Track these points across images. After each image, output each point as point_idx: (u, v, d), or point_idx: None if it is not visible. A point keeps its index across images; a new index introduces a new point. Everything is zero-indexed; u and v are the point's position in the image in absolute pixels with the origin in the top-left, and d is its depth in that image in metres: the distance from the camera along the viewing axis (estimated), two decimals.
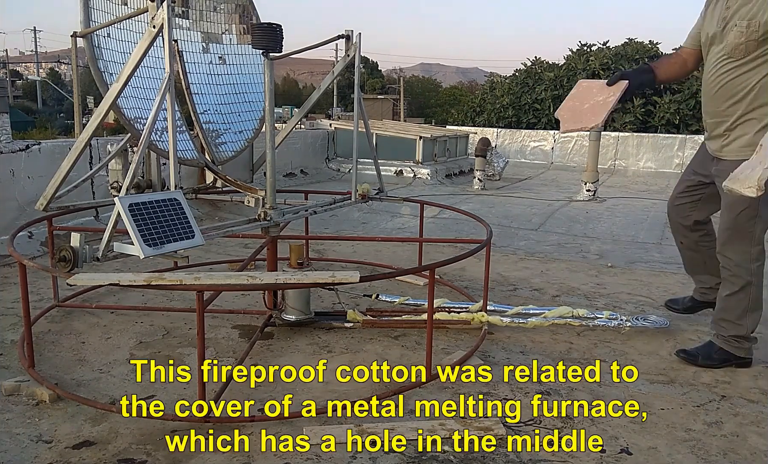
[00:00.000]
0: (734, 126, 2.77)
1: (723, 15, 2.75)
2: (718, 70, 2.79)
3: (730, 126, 2.79)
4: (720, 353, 2.93)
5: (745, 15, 2.66)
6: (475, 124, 17.46)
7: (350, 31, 3.43)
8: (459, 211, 4.51)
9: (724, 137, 2.82)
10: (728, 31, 2.71)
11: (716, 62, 2.80)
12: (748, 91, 2.71)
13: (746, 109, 2.73)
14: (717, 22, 2.77)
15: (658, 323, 3.33)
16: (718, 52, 2.78)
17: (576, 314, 3.33)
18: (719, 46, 2.78)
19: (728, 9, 2.73)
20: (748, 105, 2.73)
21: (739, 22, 2.66)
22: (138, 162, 2.59)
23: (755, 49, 2.65)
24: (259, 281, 2.56)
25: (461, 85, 53.71)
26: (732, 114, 2.77)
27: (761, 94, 2.69)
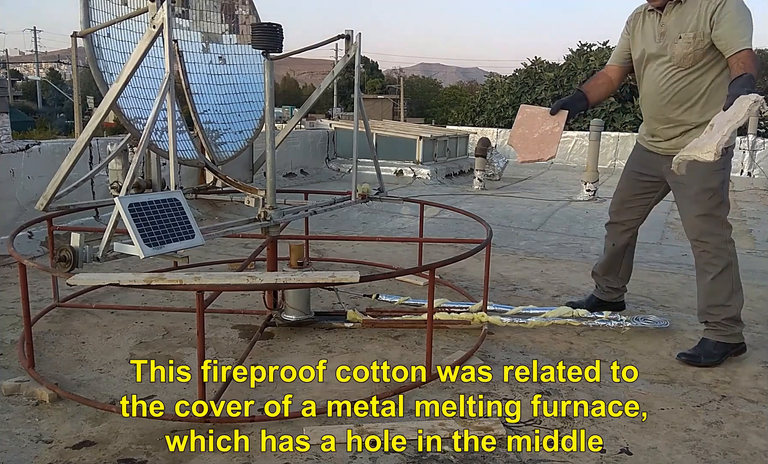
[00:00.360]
0: (692, 127, 2.99)
1: (659, 31, 3.01)
2: (668, 80, 3.01)
3: (687, 128, 3.01)
4: (718, 347, 3.00)
5: (686, 28, 2.92)
6: (475, 124, 17.48)
7: (350, 31, 3.43)
8: (459, 211, 4.51)
9: (679, 138, 3.04)
10: (672, 45, 2.96)
11: (664, 73, 3.03)
12: (701, 95, 2.97)
13: (701, 111, 2.97)
14: (655, 39, 3.03)
15: (658, 323, 3.33)
16: (663, 64, 3.02)
17: (576, 314, 3.33)
18: (661, 59, 3.03)
19: (663, 25, 2.99)
20: (702, 107, 2.98)
21: (684, 34, 2.91)
22: (138, 162, 2.59)
23: (702, 57, 2.92)
24: (259, 281, 2.56)
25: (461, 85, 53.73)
26: (688, 117, 3.01)
27: (713, 95, 2.95)
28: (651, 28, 3.06)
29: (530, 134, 3.08)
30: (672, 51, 2.97)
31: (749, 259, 5.19)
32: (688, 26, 2.91)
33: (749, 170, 11.63)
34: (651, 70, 3.09)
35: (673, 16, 2.96)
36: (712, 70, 2.95)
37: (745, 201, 8.79)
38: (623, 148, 12.79)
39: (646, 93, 3.14)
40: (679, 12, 2.95)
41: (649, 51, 3.07)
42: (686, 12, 2.93)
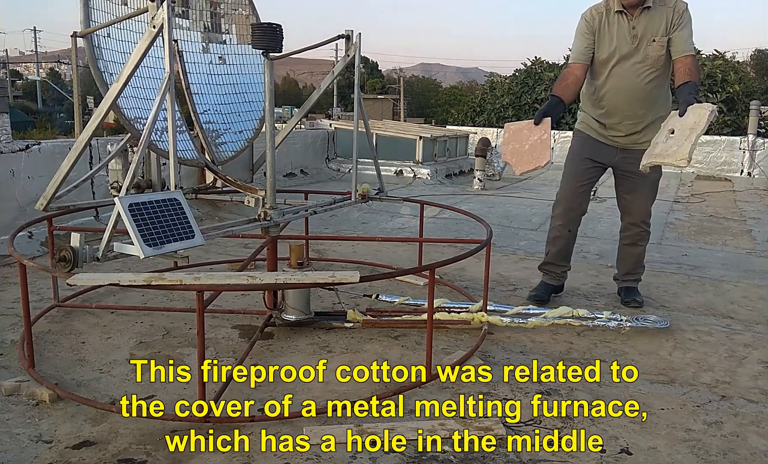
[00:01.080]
0: (649, 124, 3.37)
1: (633, 33, 3.27)
2: (642, 79, 3.32)
3: (646, 125, 3.40)
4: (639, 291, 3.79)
5: (657, 32, 3.24)
6: (475, 124, 17.47)
7: (350, 31, 3.43)
8: (459, 211, 4.51)
9: (639, 134, 3.43)
10: (646, 47, 3.26)
11: (638, 73, 3.31)
12: (659, 95, 3.39)
13: (656, 109, 3.39)
14: (628, 40, 3.29)
15: (658, 323, 3.33)
16: (637, 64, 3.30)
17: (576, 314, 3.33)
18: (634, 60, 3.30)
19: (635, 28, 3.27)
20: (657, 104, 3.40)
21: (657, 38, 3.24)
22: (138, 162, 2.59)
23: (666, 59, 3.29)
24: (259, 281, 2.56)
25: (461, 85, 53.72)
26: (648, 115, 3.39)
27: (664, 94, 3.45)
28: (623, 29, 3.29)
29: (521, 147, 3.17)
30: (647, 52, 3.26)
31: (749, 259, 5.19)
32: (658, 30, 3.23)
33: (749, 170, 11.63)
34: (623, 70, 3.33)
35: (643, 20, 3.25)
36: (666, 71, 3.36)
37: (745, 201, 8.80)
38: None
39: (617, 90, 3.37)
40: (648, 16, 3.24)
41: (621, 51, 3.30)
42: (655, 17, 3.23)
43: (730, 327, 3.49)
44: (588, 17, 3.39)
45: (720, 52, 16.04)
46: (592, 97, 3.54)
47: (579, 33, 3.42)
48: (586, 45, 3.38)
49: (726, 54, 16.09)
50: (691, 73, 3.15)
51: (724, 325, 3.53)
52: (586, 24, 3.39)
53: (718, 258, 5.20)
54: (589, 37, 3.37)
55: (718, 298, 4.03)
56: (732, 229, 6.62)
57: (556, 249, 3.75)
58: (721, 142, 12.41)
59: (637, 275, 3.82)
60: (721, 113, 14.37)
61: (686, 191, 9.78)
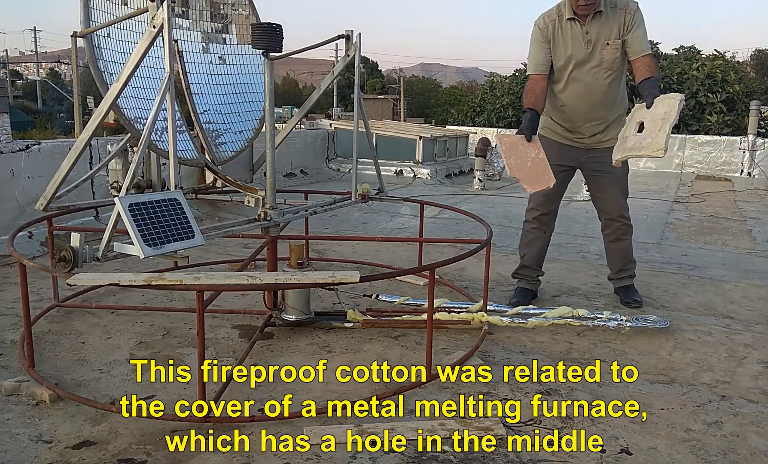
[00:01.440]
0: (611, 123, 3.52)
1: (586, 39, 3.34)
2: (600, 82, 3.41)
3: (608, 124, 3.53)
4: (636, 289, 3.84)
5: (610, 35, 3.32)
6: (475, 124, 17.46)
7: (350, 31, 3.43)
8: (459, 211, 4.51)
9: (602, 133, 3.54)
10: (601, 51, 3.34)
11: (596, 77, 3.40)
12: (618, 95, 3.52)
13: (616, 108, 3.55)
14: (582, 46, 3.35)
15: (658, 323, 3.33)
16: (593, 69, 3.39)
17: (576, 314, 3.33)
18: (590, 64, 3.38)
19: (588, 33, 3.34)
20: (616, 104, 3.54)
21: (611, 41, 3.32)
22: (138, 162, 2.59)
23: (621, 61, 3.38)
24: (259, 281, 2.56)
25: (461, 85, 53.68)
26: (609, 114, 3.52)
27: (622, 93, 3.59)
28: (576, 35, 3.36)
29: (523, 164, 3.17)
30: (602, 56, 3.35)
31: (749, 259, 5.19)
32: (612, 34, 3.32)
33: (749, 170, 11.63)
34: (580, 75, 3.41)
35: (596, 25, 3.32)
36: (623, 71, 3.46)
37: (745, 201, 8.79)
38: None
39: (576, 95, 3.45)
40: (600, 21, 3.31)
41: (576, 57, 3.38)
42: (607, 21, 3.31)
43: (730, 327, 3.49)
44: (541, 25, 3.42)
45: (720, 52, 16.03)
46: (553, 103, 3.58)
47: (534, 42, 3.45)
48: (543, 54, 3.42)
49: (726, 54, 16.09)
50: (651, 70, 3.27)
51: (724, 325, 3.52)
52: (540, 32, 3.42)
53: (718, 258, 5.20)
54: (545, 45, 3.41)
55: (718, 298, 4.03)
56: (732, 229, 6.62)
57: (533, 251, 3.78)
58: (721, 142, 12.41)
59: (630, 270, 3.85)
60: (721, 113, 14.36)
61: (686, 191, 9.78)
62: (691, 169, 12.37)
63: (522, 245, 3.84)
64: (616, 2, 3.36)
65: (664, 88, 14.73)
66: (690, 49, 16.51)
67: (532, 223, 3.75)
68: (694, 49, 16.44)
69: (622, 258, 3.82)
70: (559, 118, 3.60)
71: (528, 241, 3.79)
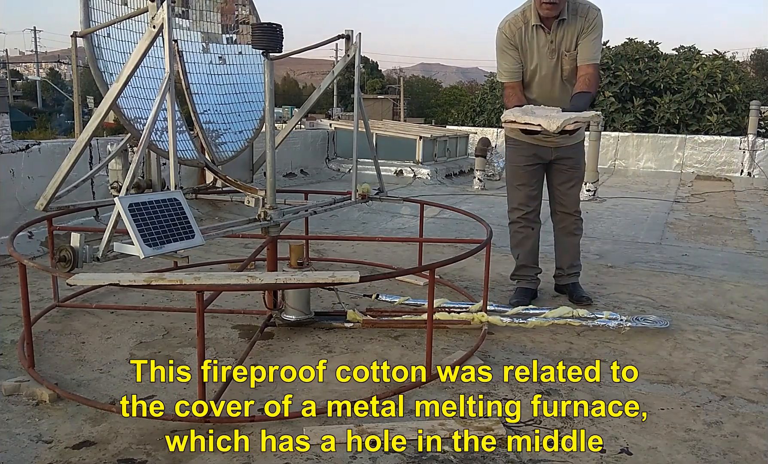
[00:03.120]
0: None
1: (551, 47, 3.38)
2: (560, 90, 3.49)
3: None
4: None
5: (570, 45, 3.38)
6: (475, 124, 17.44)
7: (350, 31, 3.43)
8: (459, 211, 4.51)
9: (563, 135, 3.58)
10: (560, 60, 3.40)
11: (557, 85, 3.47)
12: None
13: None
14: (547, 54, 3.39)
15: (658, 323, 3.33)
16: (556, 77, 3.45)
17: (576, 314, 3.33)
18: (553, 72, 3.44)
19: (553, 42, 3.38)
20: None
21: (569, 52, 3.37)
22: (138, 162, 2.59)
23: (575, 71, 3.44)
24: (259, 281, 2.56)
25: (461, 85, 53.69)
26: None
27: None
28: (542, 43, 3.39)
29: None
30: (562, 66, 3.42)
31: (749, 259, 5.19)
32: (571, 44, 3.37)
33: (749, 170, 11.63)
34: (545, 81, 3.47)
35: (559, 34, 3.35)
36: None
37: (745, 201, 8.79)
38: (623, 148, 12.78)
39: (542, 101, 3.49)
40: (563, 29, 3.35)
41: (542, 67, 3.43)
42: (569, 28, 3.35)
43: (730, 327, 3.49)
44: (508, 33, 3.41)
45: (720, 52, 16.03)
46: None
47: (502, 49, 3.45)
48: (513, 62, 3.45)
49: (726, 54, 16.08)
50: (588, 83, 3.33)
51: (724, 325, 3.52)
52: (507, 40, 3.42)
53: (718, 258, 5.20)
54: (514, 52, 3.43)
55: (718, 298, 4.03)
56: (732, 229, 6.62)
57: (526, 250, 3.80)
58: (721, 142, 12.40)
59: (579, 267, 3.92)
60: (721, 113, 14.36)
61: (686, 191, 9.78)
62: (691, 169, 12.36)
63: (513, 246, 3.85)
64: (578, 9, 3.38)
65: (664, 88, 14.82)
66: (690, 49, 16.49)
67: (519, 223, 3.78)
68: (694, 49, 16.43)
69: (574, 254, 3.87)
70: None
71: (518, 241, 3.81)
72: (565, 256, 3.88)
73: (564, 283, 3.92)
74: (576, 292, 3.83)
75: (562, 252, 3.90)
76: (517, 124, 3.23)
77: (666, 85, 14.94)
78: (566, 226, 3.83)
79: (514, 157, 3.75)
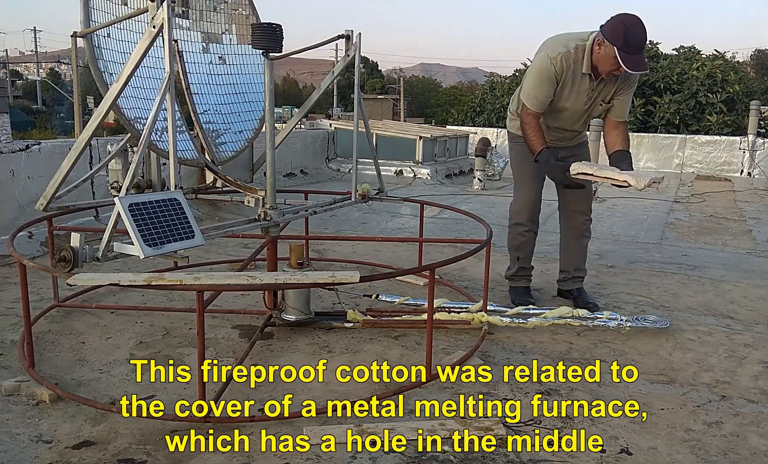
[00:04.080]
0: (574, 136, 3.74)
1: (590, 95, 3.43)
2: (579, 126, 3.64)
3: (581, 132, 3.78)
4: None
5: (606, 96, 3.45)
6: (475, 124, 17.44)
7: (350, 31, 3.43)
8: (459, 211, 4.51)
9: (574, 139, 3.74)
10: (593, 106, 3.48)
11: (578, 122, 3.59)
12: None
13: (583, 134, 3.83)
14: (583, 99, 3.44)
15: (659, 323, 3.33)
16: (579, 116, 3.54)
17: (576, 314, 3.33)
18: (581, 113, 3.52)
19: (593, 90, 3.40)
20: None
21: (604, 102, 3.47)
22: (138, 162, 2.59)
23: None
24: (259, 281, 2.56)
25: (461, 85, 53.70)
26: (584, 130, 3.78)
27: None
28: (583, 89, 3.41)
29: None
30: (591, 112, 3.53)
31: (749, 259, 5.19)
32: (608, 96, 3.44)
33: (749, 170, 11.63)
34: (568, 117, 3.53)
35: (600, 86, 3.39)
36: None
37: (745, 201, 8.79)
38: None
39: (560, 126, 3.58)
40: (604, 84, 3.39)
41: (574, 106, 3.46)
42: (609, 83, 3.39)
43: (730, 327, 3.49)
44: (558, 68, 3.32)
45: (720, 52, 16.03)
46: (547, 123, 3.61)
47: (544, 79, 3.35)
48: (548, 95, 3.38)
49: (726, 54, 16.09)
50: (627, 143, 3.46)
51: (724, 325, 3.53)
52: (554, 73, 3.32)
53: (718, 258, 5.20)
54: (552, 87, 3.37)
55: (718, 298, 4.03)
56: (732, 229, 6.62)
57: (527, 252, 3.79)
58: (721, 142, 12.41)
59: (585, 272, 3.90)
60: (721, 113, 14.36)
61: (686, 191, 9.78)
62: (691, 169, 12.37)
63: (515, 248, 3.80)
64: None
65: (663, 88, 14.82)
66: (690, 49, 16.49)
67: (526, 226, 3.73)
68: (694, 49, 16.43)
69: (583, 256, 3.85)
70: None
71: (521, 244, 3.77)
72: (571, 259, 3.85)
73: (567, 288, 3.88)
74: (582, 298, 3.77)
75: (569, 255, 3.86)
76: (594, 177, 3.26)
77: (666, 85, 14.94)
78: (576, 225, 3.79)
79: (522, 157, 3.66)
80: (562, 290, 3.93)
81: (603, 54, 3.21)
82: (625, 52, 3.12)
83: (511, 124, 3.75)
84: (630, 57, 3.13)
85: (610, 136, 3.50)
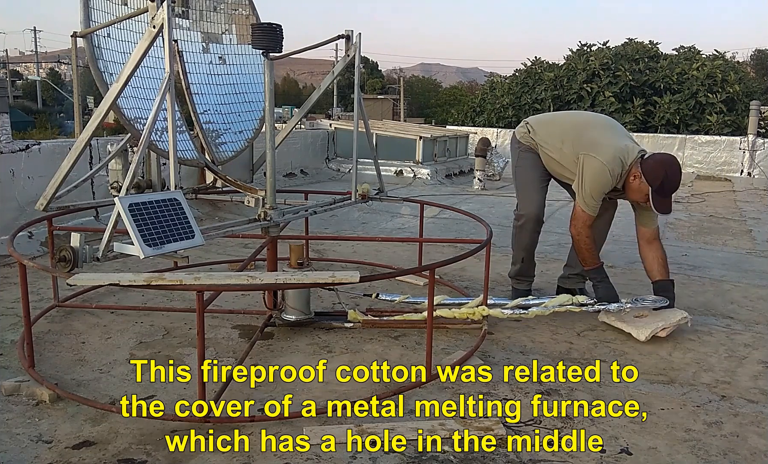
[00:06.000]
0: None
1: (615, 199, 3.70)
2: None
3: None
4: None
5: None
6: (475, 124, 17.44)
7: (350, 31, 3.43)
8: (459, 211, 4.51)
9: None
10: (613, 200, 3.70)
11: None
12: None
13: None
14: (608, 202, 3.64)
15: (658, 302, 3.33)
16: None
17: (576, 300, 3.32)
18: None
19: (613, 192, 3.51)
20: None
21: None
22: (138, 162, 2.59)
23: None
24: (259, 281, 2.56)
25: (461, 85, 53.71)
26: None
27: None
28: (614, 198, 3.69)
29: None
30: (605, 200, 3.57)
31: (749, 259, 5.19)
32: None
33: (749, 170, 11.63)
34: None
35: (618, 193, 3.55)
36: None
37: (745, 201, 8.80)
38: None
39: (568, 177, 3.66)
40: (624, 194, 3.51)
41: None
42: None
43: (730, 327, 3.49)
44: (613, 177, 3.40)
45: (720, 52, 16.04)
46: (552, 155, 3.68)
47: (603, 187, 3.43)
48: (600, 201, 3.48)
49: (726, 54, 16.10)
50: (665, 266, 3.53)
51: (724, 325, 3.53)
52: (610, 183, 3.41)
53: (718, 258, 5.20)
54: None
55: (718, 298, 4.03)
56: (732, 229, 6.62)
57: (531, 254, 3.83)
58: (721, 142, 12.41)
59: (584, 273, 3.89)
60: (721, 113, 14.36)
61: (686, 191, 9.78)
62: (691, 169, 12.36)
63: (521, 249, 3.81)
64: None
65: (664, 88, 14.83)
66: (690, 49, 16.51)
67: (531, 230, 3.76)
68: (694, 49, 16.44)
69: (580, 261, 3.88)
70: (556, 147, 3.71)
71: (528, 244, 3.79)
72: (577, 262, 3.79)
73: (569, 286, 3.90)
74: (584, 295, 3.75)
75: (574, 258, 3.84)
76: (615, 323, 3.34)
77: (666, 85, 14.95)
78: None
79: (530, 163, 3.75)
80: (562, 288, 3.94)
81: (637, 187, 3.35)
82: (658, 194, 3.28)
83: (525, 137, 3.79)
84: (662, 200, 3.30)
85: (647, 256, 3.53)
